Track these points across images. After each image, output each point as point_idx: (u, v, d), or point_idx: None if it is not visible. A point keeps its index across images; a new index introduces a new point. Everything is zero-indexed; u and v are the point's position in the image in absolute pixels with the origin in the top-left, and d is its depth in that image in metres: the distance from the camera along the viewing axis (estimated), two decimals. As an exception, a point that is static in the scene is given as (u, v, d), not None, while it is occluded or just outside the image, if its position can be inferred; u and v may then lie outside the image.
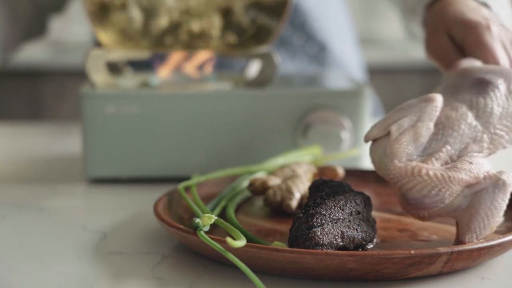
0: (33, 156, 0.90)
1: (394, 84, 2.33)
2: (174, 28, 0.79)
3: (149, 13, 0.78)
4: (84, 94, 0.76)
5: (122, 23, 0.78)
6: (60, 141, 0.99)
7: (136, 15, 0.77)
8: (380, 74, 2.30)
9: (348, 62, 1.16)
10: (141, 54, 0.80)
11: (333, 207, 0.52)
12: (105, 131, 0.76)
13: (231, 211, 0.59)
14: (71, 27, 1.10)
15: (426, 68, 2.34)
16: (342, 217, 0.52)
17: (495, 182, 0.53)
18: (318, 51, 1.13)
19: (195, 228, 0.53)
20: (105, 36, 0.80)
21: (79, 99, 0.76)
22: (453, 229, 0.57)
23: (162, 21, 0.78)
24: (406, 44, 2.55)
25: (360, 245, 0.52)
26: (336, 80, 0.92)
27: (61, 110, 2.23)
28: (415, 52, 2.34)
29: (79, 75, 1.53)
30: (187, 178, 0.74)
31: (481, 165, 0.54)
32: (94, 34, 1.16)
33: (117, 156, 0.76)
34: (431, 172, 0.53)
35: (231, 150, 0.77)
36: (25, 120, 2.12)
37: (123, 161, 0.76)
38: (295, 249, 0.49)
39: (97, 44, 1.15)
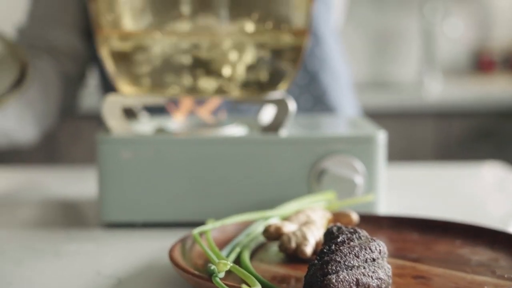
0: (48, 200, 0.91)
1: (407, 127, 2.34)
2: (192, 68, 0.80)
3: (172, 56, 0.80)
4: (100, 139, 0.77)
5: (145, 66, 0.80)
6: (75, 185, 0.99)
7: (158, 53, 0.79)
8: (393, 117, 2.31)
9: (344, 108, 1.20)
10: (157, 99, 0.81)
11: (348, 254, 0.52)
12: (120, 176, 0.76)
13: (246, 257, 0.59)
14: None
15: (439, 112, 2.34)
16: (357, 264, 0.52)
17: None
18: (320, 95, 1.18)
19: (210, 274, 0.53)
20: (126, 81, 0.81)
21: (95, 144, 0.77)
22: (469, 277, 0.57)
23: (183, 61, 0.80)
24: (419, 87, 2.56)
25: (375, 293, 0.52)
26: (349, 125, 0.93)
27: (76, 153, 2.24)
28: (428, 95, 2.35)
29: (95, 118, 1.55)
30: (202, 223, 0.74)
31: None
32: (102, 77, 1.18)
33: (133, 201, 0.77)
34: None
35: (245, 195, 0.77)
36: (40, 163, 2.13)
37: (139, 206, 0.77)
38: (310, 297, 0.49)
39: (108, 87, 1.17)
